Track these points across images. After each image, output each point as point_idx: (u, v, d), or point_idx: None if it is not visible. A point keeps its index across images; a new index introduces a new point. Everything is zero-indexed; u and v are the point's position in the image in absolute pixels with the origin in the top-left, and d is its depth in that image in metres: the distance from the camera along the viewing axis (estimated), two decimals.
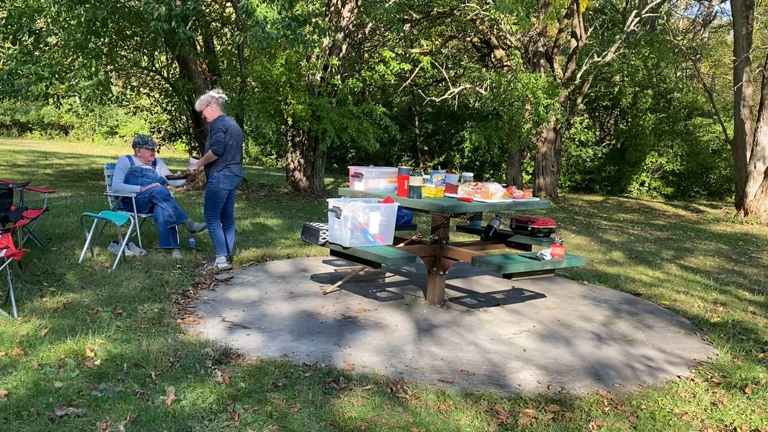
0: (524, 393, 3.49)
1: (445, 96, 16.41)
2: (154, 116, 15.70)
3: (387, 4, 11.80)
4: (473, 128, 14.67)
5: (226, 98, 5.93)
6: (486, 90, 14.97)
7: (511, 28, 14.48)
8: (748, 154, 13.43)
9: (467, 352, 4.07)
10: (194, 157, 6.13)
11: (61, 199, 9.63)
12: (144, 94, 14.38)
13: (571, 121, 16.63)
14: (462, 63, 18.84)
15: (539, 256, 4.69)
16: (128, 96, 13.92)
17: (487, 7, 13.78)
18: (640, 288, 6.18)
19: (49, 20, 9.84)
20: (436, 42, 18.15)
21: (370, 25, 14.27)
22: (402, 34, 15.18)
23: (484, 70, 15.24)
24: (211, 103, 5.70)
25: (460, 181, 5.30)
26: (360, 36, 15.04)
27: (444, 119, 20.23)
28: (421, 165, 20.39)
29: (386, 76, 11.68)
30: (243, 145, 22.22)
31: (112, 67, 11.89)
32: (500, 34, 15.38)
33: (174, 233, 6.12)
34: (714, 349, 4.46)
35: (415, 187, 4.82)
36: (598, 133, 20.37)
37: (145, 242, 6.40)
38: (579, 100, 15.36)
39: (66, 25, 9.36)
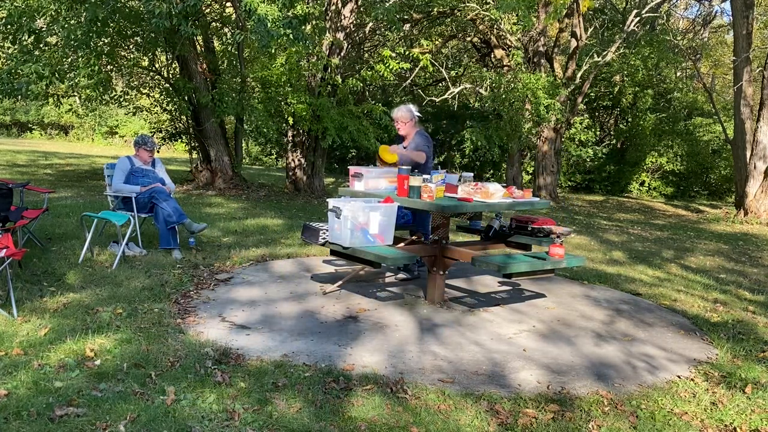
0: (524, 393, 3.49)
1: (445, 96, 16.40)
2: (154, 116, 15.70)
3: (387, 4, 11.79)
4: (473, 128, 14.67)
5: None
6: (486, 90, 14.96)
7: (511, 28, 14.48)
8: (748, 154, 13.44)
9: (467, 352, 4.07)
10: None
11: (61, 199, 9.63)
12: (144, 94, 14.37)
13: (571, 121, 16.63)
14: (462, 63, 18.83)
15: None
16: (129, 96, 13.92)
17: (488, 7, 13.77)
18: (640, 288, 6.17)
19: (48, 20, 9.82)
20: (436, 42, 18.14)
21: (370, 24, 14.26)
22: (401, 33, 15.16)
23: (484, 70, 15.23)
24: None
25: (460, 181, 5.29)
26: (360, 36, 15.03)
27: (444, 119, 20.22)
28: None
29: (385, 74, 11.68)
30: (244, 145, 21.96)
31: (112, 66, 11.89)
32: (500, 34, 15.37)
33: (174, 233, 6.12)
34: (714, 348, 4.45)
35: (415, 187, 4.82)
36: (598, 133, 20.38)
37: (145, 242, 6.40)
38: (579, 99, 15.36)
39: (66, 24, 9.35)
